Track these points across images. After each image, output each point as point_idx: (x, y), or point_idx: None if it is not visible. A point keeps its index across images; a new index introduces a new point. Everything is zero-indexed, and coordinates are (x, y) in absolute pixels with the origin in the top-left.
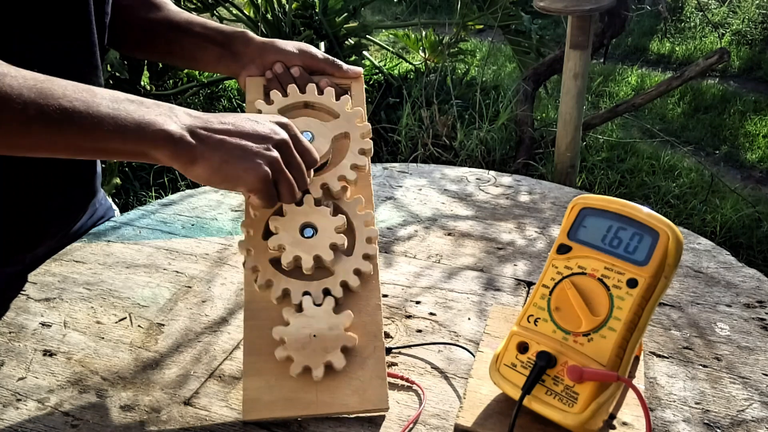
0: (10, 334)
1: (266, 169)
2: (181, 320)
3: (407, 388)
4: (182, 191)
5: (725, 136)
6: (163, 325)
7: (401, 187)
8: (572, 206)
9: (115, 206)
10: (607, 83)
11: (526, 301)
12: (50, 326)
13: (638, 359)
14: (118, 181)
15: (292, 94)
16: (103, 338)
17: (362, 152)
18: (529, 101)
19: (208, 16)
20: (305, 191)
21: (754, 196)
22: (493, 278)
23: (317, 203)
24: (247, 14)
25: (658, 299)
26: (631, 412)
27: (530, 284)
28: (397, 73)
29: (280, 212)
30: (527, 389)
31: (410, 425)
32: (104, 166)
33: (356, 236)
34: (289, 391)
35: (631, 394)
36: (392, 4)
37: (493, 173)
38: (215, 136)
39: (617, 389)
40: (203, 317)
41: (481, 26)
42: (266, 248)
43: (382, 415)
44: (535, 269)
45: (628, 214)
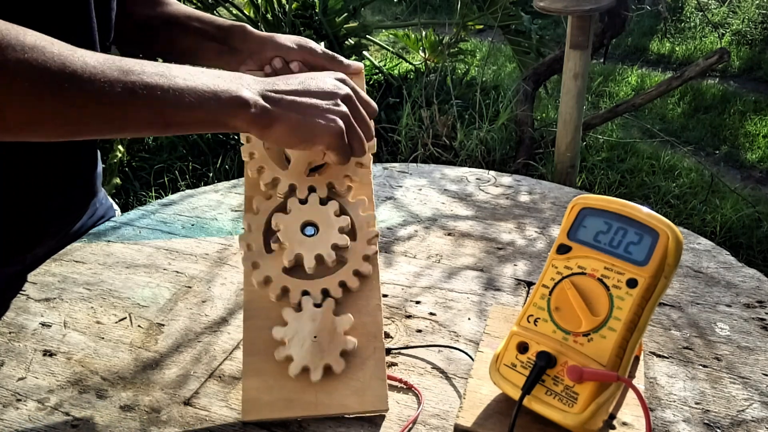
0: (10, 334)
1: (341, 124)
2: (181, 320)
3: (407, 389)
4: (182, 191)
5: (725, 136)
6: (163, 325)
7: (401, 187)
8: (572, 206)
9: (116, 206)
10: (607, 83)
11: (526, 301)
12: (50, 326)
13: (638, 359)
14: (118, 181)
15: None
16: (103, 338)
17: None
18: (529, 101)
19: None
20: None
21: (754, 196)
22: (493, 278)
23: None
24: (247, 14)
25: (658, 299)
26: (631, 412)
27: (530, 284)
28: (397, 73)
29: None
30: (527, 389)
31: (409, 425)
32: (104, 166)
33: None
34: (288, 391)
35: (631, 394)
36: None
37: (493, 173)
38: (286, 97)
39: (617, 389)
40: (203, 317)
41: (481, 26)
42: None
43: (381, 415)
44: (535, 269)
45: (628, 214)
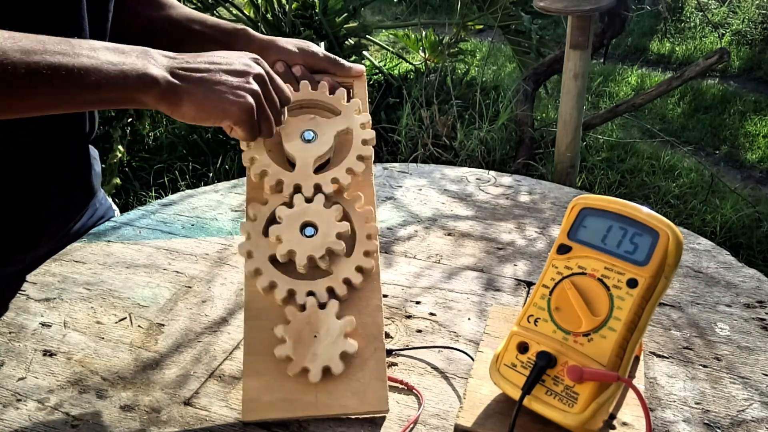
0: (10, 334)
1: (251, 100)
2: (181, 320)
3: (408, 390)
4: (182, 191)
5: (725, 136)
6: (163, 325)
7: (401, 187)
8: (572, 206)
9: (115, 206)
10: (607, 83)
11: (526, 301)
12: (50, 326)
13: (638, 359)
14: (118, 181)
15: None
16: (103, 338)
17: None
18: (529, 101)
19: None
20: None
21: (754, 196)
22: (493, 278)
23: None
24: (247, 14)
25: (658, 299)
26: (631, 412)
27: (530, 284)
28: (397, 73)
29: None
30: (527, 389)
31: (410, 425)
32: (104, 166)
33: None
34: (288, 391)
35: (631, 394)
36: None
37: (493, 173)
38: (196, 74)
39: (617, 389)
40: (203, 317)
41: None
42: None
43: (382, 415)
44: (535, 269)
45: (628, 214)
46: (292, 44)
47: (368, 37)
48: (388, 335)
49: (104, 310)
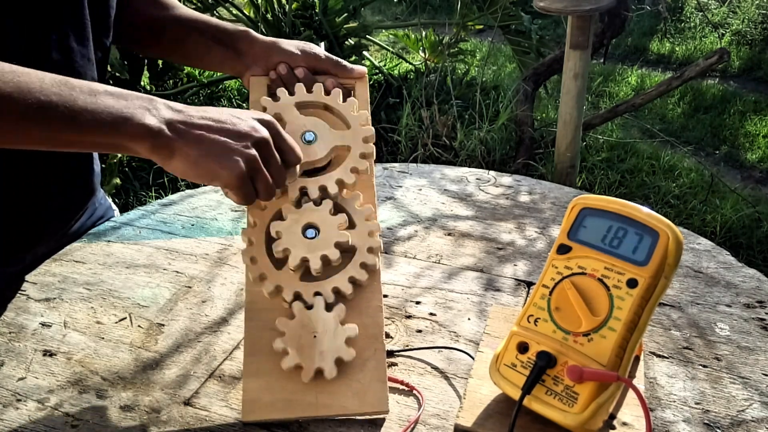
0: (10, 334)
1: (242, 166)
2: (181, 320)
3: (408, 391)
4: (182, 191)
5: (725, 136)
6: (163, 325)
7: (401, 187)
8: (572, 206)
9: (114, 206)
10: (607, 83)
11: (526, 301)
12: (50, 326)
13: (638, 359)
14: (118, 181)
15: (315, 92)
16: (103, 338)
17: (363, 156)
18: (529, 101)
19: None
20: (287, 189)
21: (754, 196)
22: (493, 278)
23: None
24: (247, 14)
25: (658, 299)
26: (631, 412)
27: (530, 284)
28: (397, 73)
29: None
30: (527, 389)
31: (410, 426)
32: (104, 165)
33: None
34: (288, 392)
35: (631, 394)
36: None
37: (493, 173)
38: (194, 131)
39: (617, 389)
40: (203, 317)
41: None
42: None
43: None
44: (535, 269)
45: (628, 214)
46: (294, 46)
47: (368, 37)
48: (388, 335)
49: (104, 310)
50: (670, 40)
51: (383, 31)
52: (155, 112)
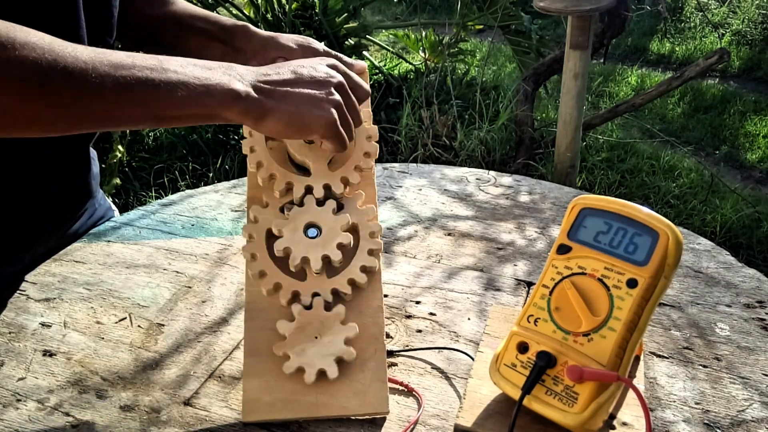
0: (10, 334)
1: (333, 113)
2: (181, 320)
3: (409, 385)
4: (182, 191)
5: (725, 136)
6: (163, 325)
7: (401, 187)
8: (572, 206)
9: (114, 206)
10: (607, 83)
11: (525, 301)
12: (50, 326)
13: (639, 359)
14: (118, 181)
15: None
16: (103, 338)
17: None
18: (529, 101)
19: None
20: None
21: (754, 196)
22: (493, 278)
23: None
24: (246, 14)
25: (658, 299)
26: (631, 412)
27: (530, 284)
28: (397, 73)
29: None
30: (527, 389)
31: (410, 427)
32: (104, 166)
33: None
34: (288, 392)
35: (631, 394)
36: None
37: (493, 173)
38: (279, 88)
39: (617, 389)
40: (203, 317)
41: (481, 26)
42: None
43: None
44: (535, 269)
45: (628, 214)
46: (292, 41)
47: (368, 37)
48: (388, 335)
49: (104, 310)
50: (670, 40)
51: (383, 31)
52: (239, 76)
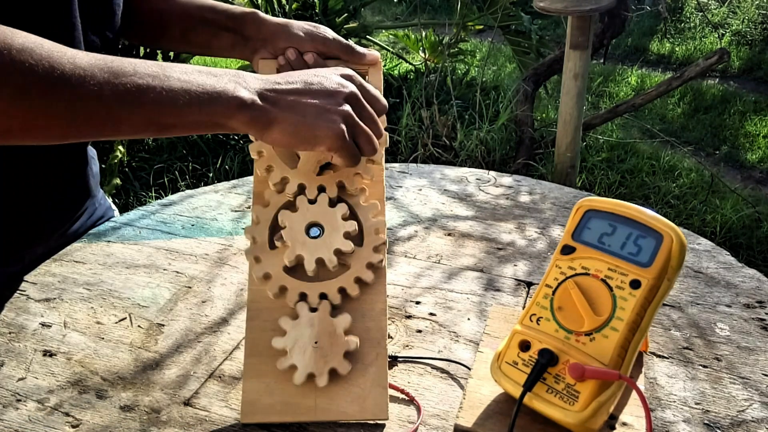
0: (10, 334)
1: (341, 125)
2: (181, 320)
3: (408, 387)
4: (182, 191)
5: (725, 136)
6: (163, 325)
7: (401, 187)
8: (577, 208)
9: (114, 206)
10: (607, 83)
11: (526, 301)
12: (50, 326)
13: (642, 356)
14: (118, 181)
15: None
16: (103, 338)
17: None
18: (529, 101)
19: None
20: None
21: (754, 196)
22: (493, 279)
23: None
24: None
25: (661, 301)
26: (631, 412)
27: (530, 285)
28: (397, 73)
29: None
30: (528, 386)
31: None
32: (104, 166)
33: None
34: (288, 395)
35: (632, 395)
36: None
37: (493, 173)
38: (286, 97)
39: (618, 389)
40: (203, 317)
41: (481, 26)
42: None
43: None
44: (535, 269)
45: (632, 216)
46: (303, 30)
47: (368, 37)
48: (388, 336)
49: (104, 310)
50: (670, 40)
51: (383, 31)
52: (245, 84)
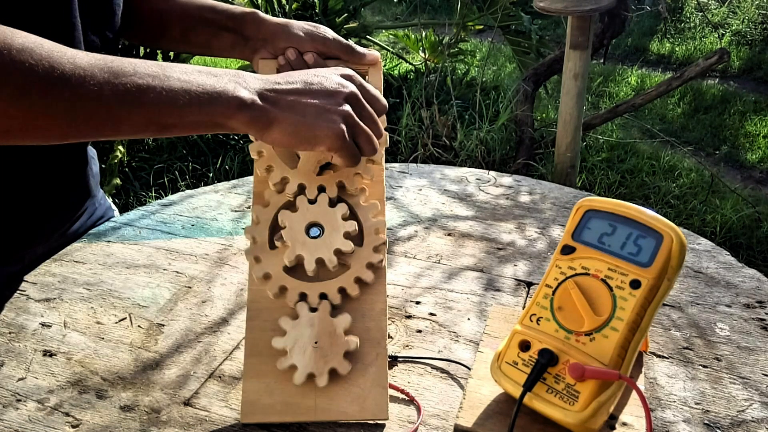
0: (10, 334)
1: (341, 125)
2: (181, 320)
3: (408, 387)
4: (182, 191)
5: (725, 136)
6: (163, 325)
7: (401, 187)
8: (577, 208)
9: (114, 206)
10: (607, 83)
11: (526, 301)
12: (50, 326)
13: (642, 356)
14: (118, 181)
15: None
16: (103, 338)
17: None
18: (529, 101)
19: None
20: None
21: (754, 196)
22: (493, 279)
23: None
24: None
25: (660, 301)
26: (631, 412)
27: (530, 285)
28: (397, 73)
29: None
30: (528, 386)
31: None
32: (104, 166)
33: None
34: (288, 395)
35: (632, 395)
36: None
37: (493, 173)
38: (286, 97)
39: (618, 389)
40: (203, 317)
41: (481, 26)
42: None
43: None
44: (535, 269)
45: (632, 216)
46: (302, 30)
47: (368, 37)
48: (388, 336)
49: (104, 310)
50: (670, 40)
51: (383, 31)
52: (245, 83)
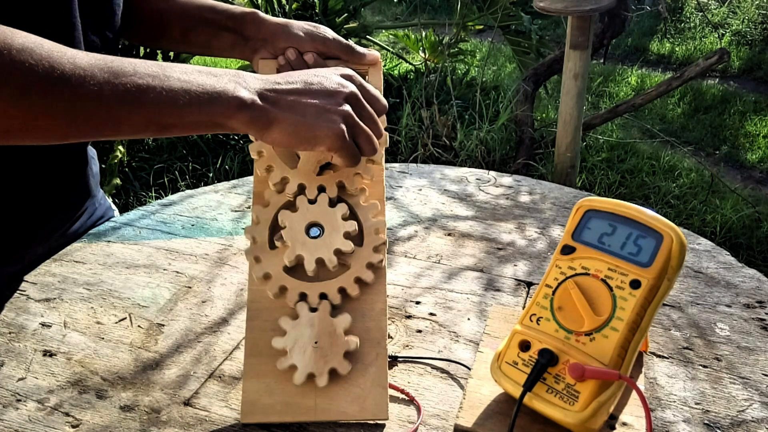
0: (10, 334)
1: (341, 125)
2: (181, 320)
3: (408, 387)
4: (182, 191)
5: (725, 136)
6: (163, 325)
7: (401, 187)
8: (577, 208)
9: (114, 206)
10: (607, 83)
11: (526, 301)
12: (50, 326)
13: (642, 356)
14: (118, 181)
15: None
16: (103, 338)
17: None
18: (529, 101)
19: None
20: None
21: (754, 196)
22: (493, 279)
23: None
24: None
25: (661, 301)
26: (631, 412)
27: (530, 285)
28: (397, 73)
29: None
30: (528, 386)
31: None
32: (104, 166)
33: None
34: (288, 395)
35: (632, 395)
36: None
37: (493, 173)
38: (286, 97)
39: (618, 389)
40: (203, 317)
41: (481, 26)
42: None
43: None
44: (535, 270)
45: (632, 216)
46: (302, 30)
47: (368, 37)
48: (388, 336)
49: (104, 310)
50: (670, 40)
51: (383, 31)
52: (245, 83)
